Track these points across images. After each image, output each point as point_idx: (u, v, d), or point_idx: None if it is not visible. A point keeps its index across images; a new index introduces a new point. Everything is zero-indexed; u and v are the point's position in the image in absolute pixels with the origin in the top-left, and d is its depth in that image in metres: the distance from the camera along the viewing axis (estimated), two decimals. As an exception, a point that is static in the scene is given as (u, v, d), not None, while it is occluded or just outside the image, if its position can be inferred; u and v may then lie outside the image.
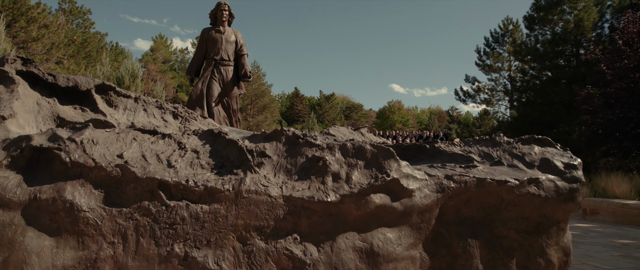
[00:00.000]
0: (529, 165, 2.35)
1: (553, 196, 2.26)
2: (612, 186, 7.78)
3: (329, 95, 55.95)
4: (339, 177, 2.03)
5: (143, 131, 2.14)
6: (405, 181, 2.07)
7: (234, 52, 5.34)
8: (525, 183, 2.23)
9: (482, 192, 2.19)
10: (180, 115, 3.34)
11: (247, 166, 2.01)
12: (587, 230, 6.44)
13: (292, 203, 1.95)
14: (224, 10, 5.29)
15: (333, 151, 2.11)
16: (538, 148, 2.43)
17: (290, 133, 2.18)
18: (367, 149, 2.11)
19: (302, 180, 2.03)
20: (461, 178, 2.16)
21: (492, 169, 2.33)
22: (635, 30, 10.25)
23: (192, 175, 1.95)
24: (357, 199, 1.99)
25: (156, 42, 34.10)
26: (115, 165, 1.83)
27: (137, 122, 3.14)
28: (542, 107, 15.16)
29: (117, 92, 3.27)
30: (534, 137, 2.47)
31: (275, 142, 2.18)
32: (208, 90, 5.13)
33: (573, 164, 2.32)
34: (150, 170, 1.87)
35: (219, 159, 2.10)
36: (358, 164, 2.08)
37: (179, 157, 2.05)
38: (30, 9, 17.71)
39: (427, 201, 2.10)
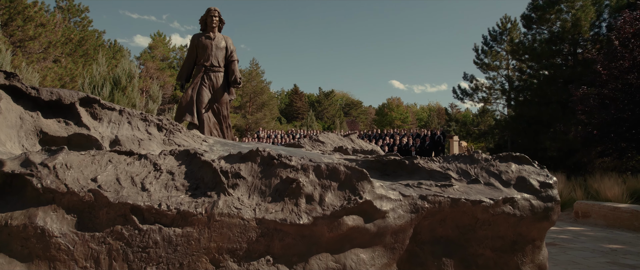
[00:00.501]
0: (506, 184, 2.37)
1: (528, 215, 2.28)
2: (604, 189, 7.79)
3: (328, 92, 55.91)
4: (313, 198, 2.05)
5: (119, 152, 2.16)
6: (379, 202, 2.08)
7: (224, 58, 5.34)
8: (500, 202, 2.25)
9: (457, 212, 2.21)
10: (165, 128, 3.35)
11: (220, 188, 2.02)
12: (578, 233, 6.46)
13: (265, 225, 1.97)
14: (214, 17, 5.29)
15: (307, 172, 2.12)
16: (515, 166, 2.45)
17: (265, 154, 2.20)
18: (341, 171, 2.12)
19: (276, 202, 2.05)
20: (435, 198, 2.17)
21: (469, 187, 2.35)
22: (631, 30, 10.24)
23: (165, 198, 1.96)
24: (329, 221, 2.00)
25: (155, 39, 34.05)
26: (88, 189, 1.84)
27: (121, 135, 3.15)
28: (539, 106, 15.16)
29: (102, 104, 3.28)
30: (512, 155, 2.49)
31: (251, 163, 2.19)
32: (198, 97, 5.14)
33: (548, 182, 2.33)
34: (123, 194, 1.89)
35: (194, 180, 2.11)
36: (332, 186, 2.10)
37: (154, 179, 2.06)
38: (26, 8, 17.67)
39: (401, 221, 2.12)
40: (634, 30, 10.14)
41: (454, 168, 2.52)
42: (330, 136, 5.12)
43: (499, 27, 20.08)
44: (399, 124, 47.11)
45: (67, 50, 20.67)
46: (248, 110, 38.14)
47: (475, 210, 2.21)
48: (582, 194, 8.25)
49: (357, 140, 5.29)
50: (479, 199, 2.21)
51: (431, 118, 52.77)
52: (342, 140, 5.14)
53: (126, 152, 2.17)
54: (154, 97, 15.17)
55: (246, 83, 38.41)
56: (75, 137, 3.01)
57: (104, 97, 13.00)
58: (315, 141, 5.00)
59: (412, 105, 66.95)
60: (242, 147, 3.45)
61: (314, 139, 4.99)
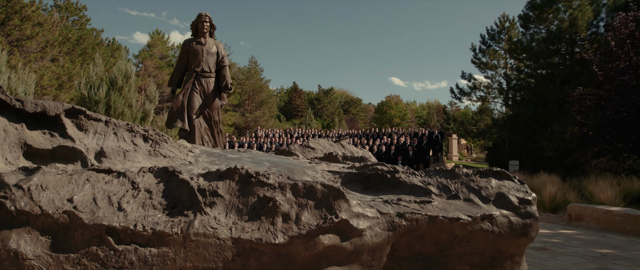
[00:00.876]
0: (485, 200, 2.37)
1: (507, 232, 2.29)
2: (598, 191, 7.80)
3: (327, 89, 55.87)
4: (289, 217, 2.06)
5: (98, 170, 2.16)
6: (356, 221, 2.09)
7: (215, 64, 5.34)
8: (479, 219, 2.25)
9: (435, 229, 2.22)
10: (151, 138, 3.35)
11: (197, 208, 2.03)
12: (570, 237, 6.47)
13: (240, 245, 1.98)
14: (205, 22, 5.29)
15: (284, 191, 2.13)
16: (495, 181, 2.45)
17: (243, 172, 2.20)
18: (318, 189, 2.12)
19: (253, 220, 2.05)
20: (413, 216, 2.18)
21: (448, 203, 2.35)
22: (627, 31, 10.22)
23: (142, 217, 1.97)
24: (305, 240, 2.01)
25: (153, 37, 33.98)
26: (63, 211, 1.85)
27: (106, 147, 3.16)
28: (536, 106, 15.16)
29: (88, 115, 3.28)
30: (492, 170, 2.49)
31: (229, 181, 2.20)
32: (189, 103, 5.14)
33: (527, 199, 2.34)
34: (99, 215, 1.90)
35: (171, 198, 2.12)
36: (308, 204, 2.10)
37: (131, 198, 2.07)
38: (24, 7, 17.64)
39: (378, 239, 2.13)
40: (629, 31, 10.13)
41: (434, 183, 2.53)
42: (321, 142, 5.12)
43: (497, 25, 20.05)
44: (398, 121, 47.08)
45: (65, 49, 20.66)
46: (247, 108, 38.12)
47: (453, 227, 2.22)
48: (575, 196, 8.26)
49: (348, 146, 5.29)
50: (457, 217, 2.21)
51: (431, 116, 52.80)
52: (332, 146, 5.14)
53: (105, 170, 2.18)
54: (151, 97, 15.16)
55: (245, 81, 38.39)
56: (60, 149, 3.01)
57: (101, 97, 13.00)
58: (305, 147, 5.00)
59: (411, 102, 66.92)
60: (229, 157, 3.46)
61: (305, 145, 4.99)
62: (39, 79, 17.82)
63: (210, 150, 3.66)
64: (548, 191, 8.41)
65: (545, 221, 7.87)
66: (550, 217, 8.09)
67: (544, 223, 7.69)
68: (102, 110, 12.90)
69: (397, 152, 17.24)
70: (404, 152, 17.17)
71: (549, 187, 8.55)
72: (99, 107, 12.88)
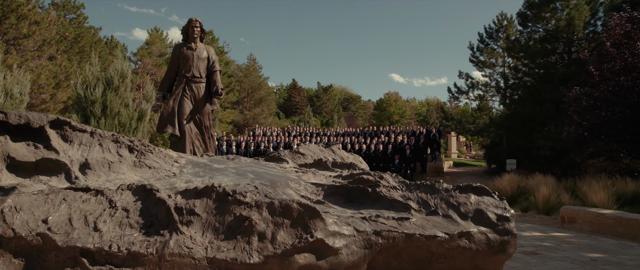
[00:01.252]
0: (464, 216, 2.38)
1: (484, 249, 2.29)
2: (591, 194, 7.81)
3: (326, 86, 55.83)
4: (265, 236, 2.06)
5: (75, 189, 2.17)
6: (332, 239, 2.10)
7: (205, 69, 5.34)
8: (456, 237, 2.26)
9: (412, 247, 2.23)
10: (136, 149, 3.35)
11: (173, 227, 2.04)
12: (561, 240, 6.49)
13: (216, 265, 1.98)
14: (196, 27, 5.28)
15: (261, 210, 2.13)
16: (474, 197, 2.46)
17: (220, 190, 2.21)
18: (294, 208, 2.13)
19: (229, 239, 2.06)
20: (390, 233, 2.19)
21: (426, 220, 2.36)
22: (621, 32, 10.19)
23: (118, 237, 1.98)
24: (281, 259, 2.02)
25: (152, 35, 33.90)
26: (37, 233, 1.86)
27: (91, 158, 3.16)
28: (532, 105, 15.14)
29: (73, 127, 3.28)
30: (471, 186, 2.50)
31: (206, 199, 2.20)
32: (179, 108, 5.15)
33: (506, 216, 2.34)
34: (73, 236, 1.90)
35: (148, 217, 2.13)
36: (284, 223, 2.11)
37: (108, 217, 2.08)
38: (20, 6, 17.58)
39: (354, 257, 2.14)
40: (624, 31, 10.10)
41: (415, 198, 2.54)
42: (311, 148, 5.13)
43: (495, 24, 20.00)
44: (397, 118, 47.05)
45: (62, 47, 20.62)
46: (246, 105, 38.12)
47: (430, 244, 2.23)
48: (569, 198, 8.27)
49: (338, 151, 5.29)
50: (434, 234, 2.22)
51: (430, 113, 52.73)
52: (322, 151, 5.15)
53: (82, 188, 2.18)
54: (148, 97, 15.15)
55: (244, 78, 38.35)
56: (44, 162, 3.01)
57: (97, 97, 12.99)
58: (296, 153, 5.00)
59: (411, 99, 66.86)
60: (214, 168, 3.46)
61: (295, 151, 5.00)
62: (36, 78, 17.80)
63: (196, 159, 3.66)
64: (542, 193, 8.43)
65: (538, 223, 7.90)
66: (544, 219, 8.11)
67: (537, 225, 7.71)
68: (99, 110, 12.88)
69: (395, 151, 17.24)
70: (401, 150, 17.16)
71: (543, 189, 8.56)
72: (95, 107, 12.87)
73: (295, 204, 2.15)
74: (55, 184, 2.87)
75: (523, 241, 6.29)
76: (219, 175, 3.10)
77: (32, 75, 17.70)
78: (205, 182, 2.90)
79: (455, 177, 20.04)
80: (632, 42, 9.95)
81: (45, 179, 2.92)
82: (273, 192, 2.81)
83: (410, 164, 16.87)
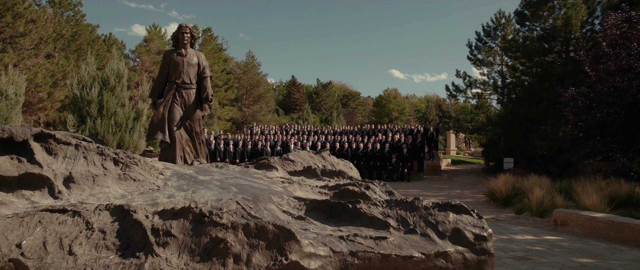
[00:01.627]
0: (441, 235, 2.39)
1: (461, 268, 2.30)
2: (583, 196, 7.82)
3: (326, 83, 55.76)
4: (240, 258, 2.07)
5: (52, 210, 2.18)
6: (307, 261, 2.11)
7: (196, 75, 5.33)
8: (432, 257, 2.27)
9: (388, 267, 2.24)
10: (121, 161, 3.36)
11: (149, 249, 2.05)
12: (553, 244, 6.51)
13: (191, 288, 1.99)
14: (186, 33, 5.27)
15: (237, 231, 2.14)
16: (453, 216, 2.46)
17: (197, 211, 2.21)
18: (269, 230, 2.14)
19: (204, 261, 2.07)
20: (366, 254, 2.20)
21: (404, 238, 2.37)
22: (618, 32, 10.15)
23: (93, 260, 1.99)
24: (256, 282, 2.03)
25: (150, 32, 33.80)
26: (10, 259, 1.86)
27: (75, 172, 3.16)
28: (529, 105, 15.13)
29: (57, 139, 3.29)
30: (450, 204, 2.51)
31: (183, 220, 2.21)
32: (170, 115, 5.15)
33: (483, 235, 2.35)
34: (47, 261, 1.91)
35: (125, 238, 2.14)
36: (260, 245, 2.12)
37: (84, 239, 2.08)
38: (16, 4, 17.53)
39: (330, 279, 2.14)
40: (620, 32, 10.06)
41: (394, 215, 2.55)
42: (301, 154, 5.13)
43: (493, 22, 19.94)
44: (396, 115, 47.01)
45: (60, 45, 20.59)
46: (244, 103, 38.09)
47: (406, 264, 2.24)
48: (562, 200, 8.28)
49: (328, 158, 5.30)
50: (410, 254, 2.23)
51: (429, 109, 52.71)
52: (312, 158, 5.15)
53: (59, 209, 2.19)
54: (145, 96, 15.14)
55: (242, 75, 38.31)
56: (27, 176, 3.02)
57: (93, 97, 12.98)
58: (285, 160, 5.01)
59: (410, 96, 66.80)
60: (199, 180, 3.47)
61: (285, 158, 5.00)
62: (33, 77, 17.79)
63: (182, 171, 3.67)
64: (536, 195, 8.44)
65: (531, 226, 7.92)
66: (537, 222, 8.13)
67: (530, 228, 7.73)
68: (95, 110, 12.89)
69: (392, 149, 17.25)
70: (398, 149, 17.19)
71: (537, 191, 8.57)
72: (92, 107, 12.88)
73: (270, 225, 2.15)
74: (38, 199, 2.88)
75: (514, 245, 6.31)
76: (203, 189, 3.10)
77: (29, 74, 17.69)
78: (188, 197, 2.91)
79: (453, 176, 20.07)
80: (628, 43, 9.92)
81: (28, 193, 2.93)
82: (254, 207, 2.82)
83: (407, 163, 16.91)
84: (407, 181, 16.66)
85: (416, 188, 14.57)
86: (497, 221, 8.36)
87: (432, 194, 13.25)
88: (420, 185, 15.66)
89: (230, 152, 17.33)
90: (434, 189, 14.65)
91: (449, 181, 17.67)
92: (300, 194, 3.53)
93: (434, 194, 13.08)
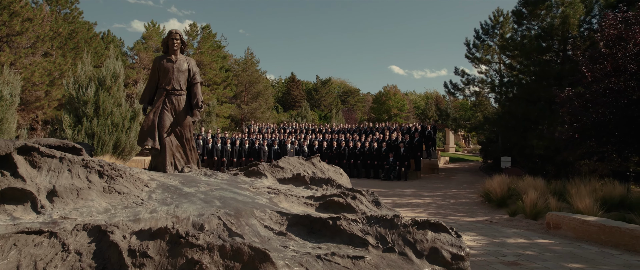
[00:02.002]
0: (419, 254, 2.40)
1: (437, 287, 2.31)
2: (576, 200, 7.83)
3: (325, 80, 55.68)
4: (215, 281, 2.08)
5: (28, 232, 2.18)
6: (282, 283, 2.12)
7: (186, 81, 5.33)
8: (409, 276, 2.28)
9: (364, 287, 2.24)
10: (106, 174, 3.36)
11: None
12: (544, 248, 6.52)
13: (165, 311, 2.00)
14: (175, 39, 5.26)
15: (212, 253, 2.15)
16: (431, 234, 2.47)
17: (174, 231, 2.22)
18: (245, 251, 2.14)
19: (180, 284, 2.08)
20: (342, 275, 2.20)
21: (382, 257, 2.38)
22: (615, 32, 10.12)
23: (68, 283, 1.99)
24: (230, 305, 2.04)
25: (148, 29, 33.75)
26: (-17, 284, 1.87)
27: (59, 186, 3.17)
28: (526, 104, 15.11)
29: (41, 152, 3.29)
30: (429, 222, 2.51)
31: (160, 241, 2.22)
32: (160, 121, 5.15)
33: (460, 254, 2.36)
34: (20, 285, 1.92)
35: (101, 260, 2.14)
36: (235, 267, 2.13)
37: (60, 261, 2.09)
38: (12, 3, 17.48)
39: (306, 300, 2.15)
40: (617, 32, 10.03)
41: (373, 233, 2.55)
42: (291, 161, 5.14)
43: (492, 20, 19.87)
44: (395, 112, 46.96)
45: (57, 43, 20.54)
46: (243, 100, 38.07)
47: (383, 284, 2.24)
48: (556, 202, 8.29)
49: (318, 164, 5.31)
50: (386, 275, 2.23)
51: (428, 106, 52.64)
52: (302, 165, 5.16)
53: (36, 231, 2.19)
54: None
55: (241, 73, 38.25)
56: (9, 190, 3.02)
57: (89, 97, 12.97)
58: (275, 167, 5.02)
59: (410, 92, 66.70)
60: (184, 192, 3.47)
61: (275, 165, 5.01)
62: (29, 76, 17.77)
63: (168, 182, 3.67)
64: (529, 197, 8.45)
65: (524, 228, 7.93)
66: (531, 224, 8.14)
67: (523, 231, 7.74)
68: (91, 110, 12.88)
69: (389, 148, 17.26)
70: (395, 148, 17.19)
71: (531, 193, 8.58)
72: (88, 107, 12.86)
73: (246, 247, 2.16)
74: (20, 214, 2.88)
75: (506, 249, 6.33)
76: (186, 203, 3.11)
77: (26, 72, 17.67)
78: (170, 212, 2.91)
79: (450, 174, 20.09)
80: (624, 44, 9.89)
81: (11, 208, 2.93)
82: (236, 223, 2.83)
83: (404, 162, 16.91)
84: (404, 180, 16.67)
85: (413, 187, 14.58)
86: (490, 223, 8.38)
87: (428, 193, 13.27)
88: (416, 184, 15.67)
89: (228, 150, 17.34)
90: (431, 188, 14.66)
91: (446, 180, 17.69)
92: (285, 205, 3.54)
93: (430, 194, 13.10)
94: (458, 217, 8.99)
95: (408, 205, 10.44)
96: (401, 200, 11.32)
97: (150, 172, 4.00)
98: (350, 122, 41.20)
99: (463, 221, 8.54)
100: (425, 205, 10.57)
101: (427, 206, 10.49)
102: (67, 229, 2.29)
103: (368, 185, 15.06)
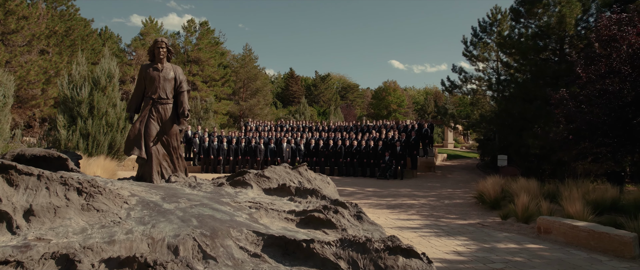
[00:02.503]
0: (389, 280, 2.39)
1: (407, 314, 2.31)
2: (567, 204, 7.82)
3: (324, 75, 55.56)
4: (181, 312, 2.08)
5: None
6: (249, 314, 2.11)
7: (172, 90, 5.31)
8: (378, 304, 2.28)
9: (333, 316, 2.24)
10: (85, 191, 3.36)
11: (90, 304, 2.05)
12: (534, 253, 6.53)
13: None
14: (162, 48, 5.23)
15: (179, 283, 2.14)
16: (402, 260, 2.47)
17: (142, 260, 2.22)
18: (212, 283, 2.14)
19: (146, 315, 2.08)
20: (310, 304, 2.20)
21: (352, 283, 2.38)
22: (609, 34, 10.06)
23: (33, 316, 1.99)
24: None
25: (146, 25, 33.63)
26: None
27: (36, 204, 3.17)
28: (523, 102, 15.08)
29: (19, 170, 3.28)
30: (401, 248, 2.51)
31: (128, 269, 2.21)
32: (146, 130, 5.14)
33: (430, 281, 2.35)
34: (-16, 319, 1.92)
35: (68, 290, 2.14)
36: (202, 298, 2.12)
37: (26, 292, 2.09)
38: (7, 1, 17.41)
39: (273, 329, 2.15)
40: (612, 33, 9.97)
41: (346, 257, 2.55)
42: (277, 170, 5.13)
43: (489, 18, 19.77)
44: (395, 108, 46.88)
45: (53, 42, 20.48)
46: (242, 96, 38.03)
47: (351, 313, 2.24)
48: (548, 205, 8.29)
49: (305, 173, 5.30)
50: (355, 303, 2.23)
51: (428, 102, 52.56)
52: (288, 174, 5.15)
53: (2, 261, 2.19)
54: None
55: (239, 69, 38.16)
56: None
57: (84, 97, 12.94)
58: (261, 177, 5.01)
59: (409, 88, 66.57)
60: (163, 209, 3.47)
61: (260, 174, 5.01)
62: (25, 74, 17.74)
63: (148, 198, 3.66)
64: (521, 201, 8.45)
65: (516, 233, 7.94)
66: (522, 228, 8.15)
67: (514, 235, 7.75)
68: (85, 110, 12.86)
69: (385, 147, 17.26)
70: (392, 147, 17.19)
71: (523, 196, 8.58)
72: (82, 108, 12.84)
73: (213, 278, 2.16)
74: (-5, 235, 2.88)
75: (495, 255, 6.34)
76: (163, 222, 3.11)
77: (22, 71, 17.63)
78: (146, 232, 2.91)
79: (447, 173, 20.09)
80: (618, 45, 9.84)
81: (-14, 229, 2.93)
82: (211, 244, 2.83)
83: (400, 161, 16.92)
84: (400, 179, 16.68)
85: (408, 187, 14.59)
86: (482, 227, 8.39)
87: (423, 193, 13.28)
88: (412, 183, 15.68)
89: (224, 149, 17.34)
90: (426, 187, 14.67)
91: (442, 179, 17.69)
92: (265, 221, 3.54)
93: (424, 194, 13.11)
94: (450, 220, 9.00)
95: (401, 207, 10.45)
96: (395, 201, 11.33)
97: (132, 186, 3.99)
98: (349, 119, 41.17)
99: (455, 224, 8.55)
100: (418, 207, 10.58)
101: (421, 207, 10.50)
102: (35, 259, 2.29)
103: (364, 184, 15.06)
